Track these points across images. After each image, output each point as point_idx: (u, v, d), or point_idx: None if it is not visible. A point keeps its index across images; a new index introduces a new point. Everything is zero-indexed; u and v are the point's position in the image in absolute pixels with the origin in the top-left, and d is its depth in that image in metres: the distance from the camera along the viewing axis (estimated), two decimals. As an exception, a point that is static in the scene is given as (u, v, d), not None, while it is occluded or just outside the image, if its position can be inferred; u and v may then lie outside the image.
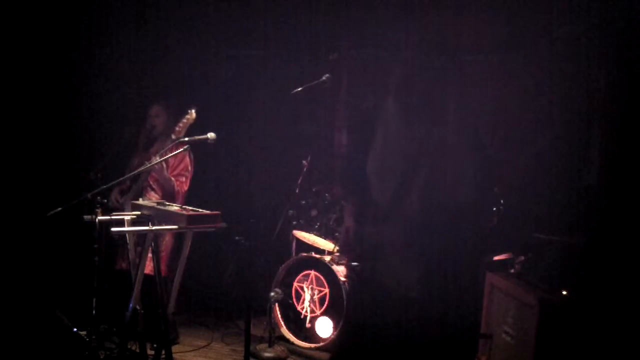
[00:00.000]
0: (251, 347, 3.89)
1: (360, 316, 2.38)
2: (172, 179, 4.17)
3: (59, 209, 3.28)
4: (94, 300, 3.41)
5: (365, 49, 4.78)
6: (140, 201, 3.49)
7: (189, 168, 4.30)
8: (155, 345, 3.65)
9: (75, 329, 3.82)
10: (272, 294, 4.37)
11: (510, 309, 3.43)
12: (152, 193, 4.21)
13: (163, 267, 4.14)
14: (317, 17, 5.03)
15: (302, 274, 4.52)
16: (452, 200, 2.08)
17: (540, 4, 4.31)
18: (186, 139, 3.70)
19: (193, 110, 3.93)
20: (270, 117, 5.19)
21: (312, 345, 4.38)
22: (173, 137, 3.86)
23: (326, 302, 4.38)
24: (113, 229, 3.09)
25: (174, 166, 4.23)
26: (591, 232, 3.55)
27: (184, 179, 4.26)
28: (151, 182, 4.23)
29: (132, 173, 3.78)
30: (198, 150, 4.33)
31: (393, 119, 2.37)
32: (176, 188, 4.18)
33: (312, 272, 4.47)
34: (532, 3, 4.34)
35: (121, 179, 3.74)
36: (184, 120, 3.90)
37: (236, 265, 5.28)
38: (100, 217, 3.27)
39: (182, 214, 3.10)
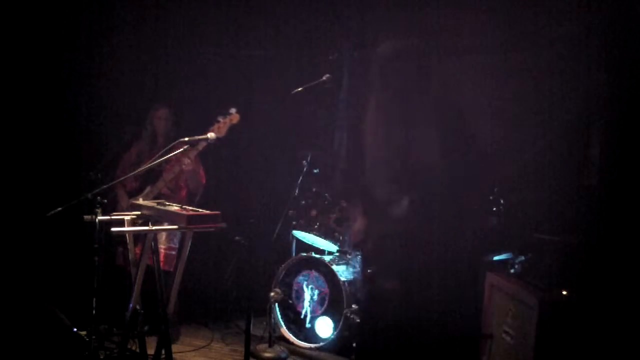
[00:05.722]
0: (251, 347, 3.89)
1: (373, 318, 2.35)
2: (203, 177, 4.32)
3: (59, 209, 3.28)
4: (94, 300, 3.41)
5: (365, 49, 4.77)
6: (141, 201, 3.49)
7: (200, 164, 4.40)
8: (155, 345, 3.64)
9: (75, 329, 3.82)
10: (272, 294, 4.37)
11: (510, 309, 3.43)
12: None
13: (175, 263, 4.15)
14: (317, 17, 5.03)
15: (302, 274, 4.52)
16: (439, 198, 2.05)
17: (540, 4, 4.30)
18: (186, 138, 3.68)
19: (234, 110, 3.75)
20: (270, 117, 5.18)
21: (312, 345, 4.38)
22: (212, 135, 3.62)
23: (326, 302, 4.38)
24: (113, 229, 3.09)
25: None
26: (591, 232, 3.55)
27: (202, 172, 4.42)
28: (167, 191, 4.25)
29: (135, 172, 3.65)
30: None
31: (372, 117, 2.35)
32: (203, 182, 4.34)
33: (312, 272, 4.47)
34: (532, 3, 4.34)
35: (122, 178, 3.73)
36: (225, 120, 3.77)
37: (236, 265, 5.28)
38: (100, 217, 3.27)
39: (182, 214, 3.09)
